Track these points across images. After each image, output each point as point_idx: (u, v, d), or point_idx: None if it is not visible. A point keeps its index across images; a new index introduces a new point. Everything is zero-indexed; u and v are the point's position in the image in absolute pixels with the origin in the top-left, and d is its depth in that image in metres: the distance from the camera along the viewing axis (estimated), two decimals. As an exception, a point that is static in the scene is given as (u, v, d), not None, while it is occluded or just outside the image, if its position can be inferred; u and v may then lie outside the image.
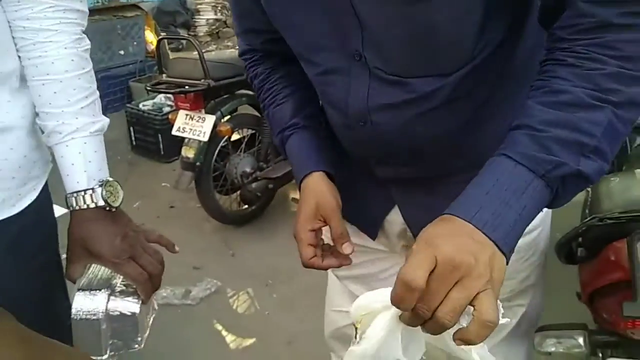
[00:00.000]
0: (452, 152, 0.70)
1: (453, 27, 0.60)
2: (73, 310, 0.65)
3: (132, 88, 3.81)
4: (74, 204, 0.70)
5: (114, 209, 0.72)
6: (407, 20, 0.60)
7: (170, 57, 3.60)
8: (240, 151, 2.57)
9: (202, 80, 2.26)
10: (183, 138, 2.37)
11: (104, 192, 0.70)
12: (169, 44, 5.53)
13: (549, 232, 0.87)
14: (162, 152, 3.29)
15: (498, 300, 0.46)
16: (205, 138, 2.31)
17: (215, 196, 2.50)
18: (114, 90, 3.81)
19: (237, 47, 0.89)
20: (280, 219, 2.69)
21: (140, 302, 0.68)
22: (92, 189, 0.70)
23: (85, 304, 0.65)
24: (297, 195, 3.06)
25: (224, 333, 1.98)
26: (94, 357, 0.65)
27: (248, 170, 2.53)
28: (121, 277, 0.69)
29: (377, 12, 0.61)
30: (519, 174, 0.50)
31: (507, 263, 0.49)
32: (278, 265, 2.29)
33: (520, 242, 0.80)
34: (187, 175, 2.36)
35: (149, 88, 2.40)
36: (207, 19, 6.70)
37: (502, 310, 0.46)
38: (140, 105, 3.36)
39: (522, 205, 0.49)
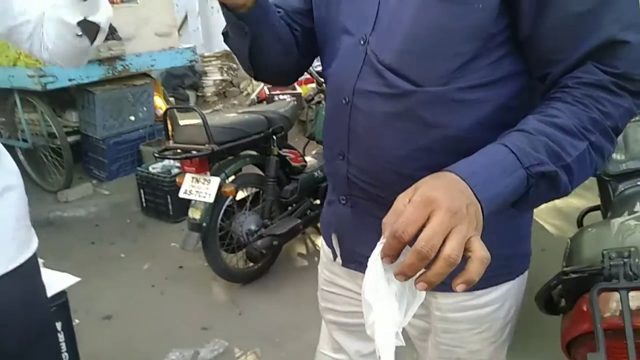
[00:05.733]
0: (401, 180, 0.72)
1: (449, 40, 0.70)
2: None
3: (142, 152, 3.95)
4: None
5: None
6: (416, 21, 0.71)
7: (179, 120, 3.78)
8: (245, 209, 2.65)
9: (207, 145, 2.38)
10: (190, 200, 2.47)
11: None
12: (176, 104, 5.77)
13: (513, 315, 0.91)
14: (171, 213, 3.39)
15: None
16: (211, 199, 2.39)
17: (222, 255, 2.56)
18: (124, 155, 3.95)
19: (240, 111, 1.03)
20: (285, 275, 2.74)
21: None
22: None
23: None
24: (302, 250, 3.12)
25: (232, 394, 1.99)
26: None
27: (253, 227, 2.60)
28: None
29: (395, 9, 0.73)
30: (509, 160, 0.60)
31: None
32: (285, 322, 2.32)
33: (473, 314, 0.87)
34: (193, 236, 2.44)
35: (156, 155, 2.52)
36: (214, 80, 6.99)
37: None
38: (150, 168, 3.49)
39: (506, 184, 0.60)
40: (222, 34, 0.89)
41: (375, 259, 0.55)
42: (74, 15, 0.90)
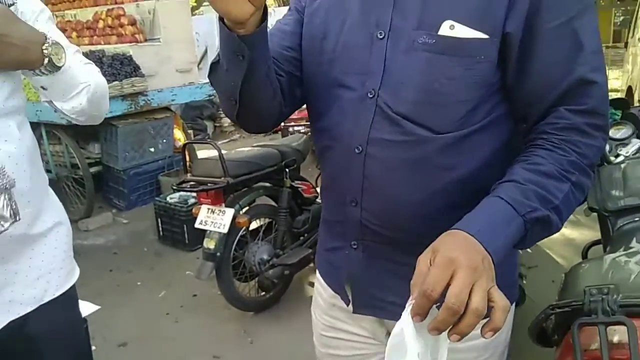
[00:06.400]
0: (424, 219, 0.81)
1: (460, 89, 0.76)
2: None
3: (161, 182, 4.09)
4: None
5: None
6: (426, 74, 0.77)
7: (197, 153, 3.91)
8: (258, 239, 2.73)
9: (222, 178, 2.48)
10: (205, 230, 2.56)
11: None
12: (194, 135, 5.94)
13: (508, 336, 0.98)
14: (187, 241, 3.49)
15: None
16: (225, 230, 2.48)
17: (235, 284, 2.63)
18: (143, 185, 4.09)
19: (255, 145, 1.05)
20: (297, 304, 2.79)
21: None
22: None
23: None
24: (314, 280, 3.16)
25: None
26: None
27: (265, 257, 2.67)
28: None
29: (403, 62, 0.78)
30: (507, 211, 0.69)
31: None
32: (296, 351, 2.36)
33: (480, 342, 0.93)
34: (208, 265, 2.52)
35: (174, 187, 2.63)
36: (231, 111, 7.18)
37: None
38: (168, 198, 3.61)
39: (507, 233, 0.69)
40: (211, 64, 0.83)
41: (406, 318, 0.62)
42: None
